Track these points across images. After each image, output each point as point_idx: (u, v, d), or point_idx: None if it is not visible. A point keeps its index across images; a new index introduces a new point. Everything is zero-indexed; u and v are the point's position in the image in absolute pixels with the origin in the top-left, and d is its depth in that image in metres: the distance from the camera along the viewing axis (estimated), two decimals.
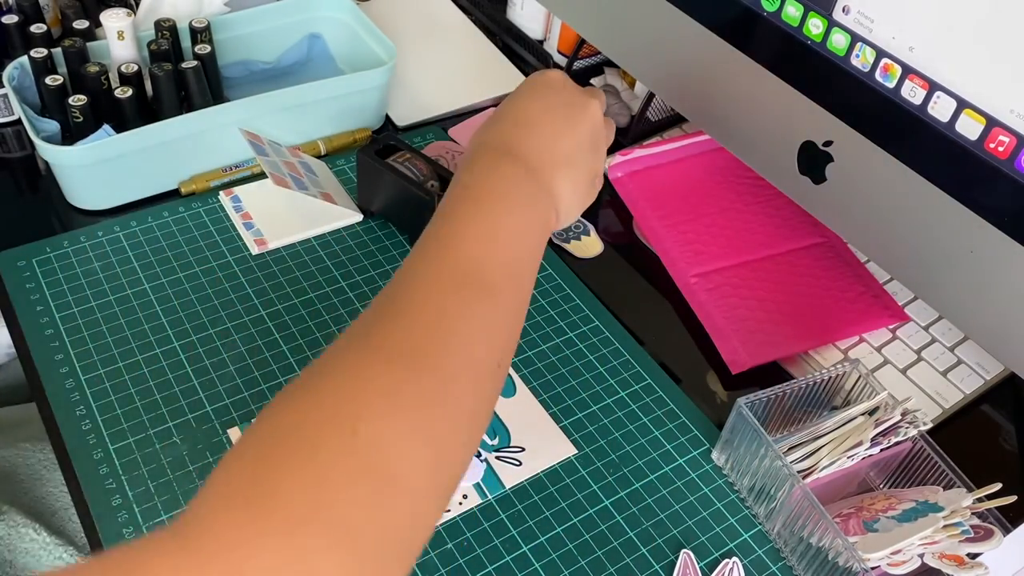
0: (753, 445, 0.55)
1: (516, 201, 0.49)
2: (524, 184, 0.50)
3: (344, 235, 0.72)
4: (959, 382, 0.64)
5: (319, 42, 0.85)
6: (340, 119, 0.78)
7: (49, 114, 0.72)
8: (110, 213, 0.71)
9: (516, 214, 0.49)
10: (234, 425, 0.58)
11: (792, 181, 0.64)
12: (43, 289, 0.65)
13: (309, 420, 0.36)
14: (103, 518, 0.53)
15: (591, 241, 0.75)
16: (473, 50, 0.92)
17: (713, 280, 0.70)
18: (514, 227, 0.48)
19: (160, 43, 0.74)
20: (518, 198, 0.49)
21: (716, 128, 0.69)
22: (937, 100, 0.52)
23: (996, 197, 0.51)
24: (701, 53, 0.66)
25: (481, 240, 0.46)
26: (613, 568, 0.54)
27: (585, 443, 0.60)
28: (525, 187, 0.50)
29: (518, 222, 0.48)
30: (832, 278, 0.70)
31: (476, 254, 0.45)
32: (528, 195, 0.50)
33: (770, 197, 0.75)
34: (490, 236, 0.46)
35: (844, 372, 0.59)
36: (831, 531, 0.50)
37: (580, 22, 0.78)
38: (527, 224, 0.49)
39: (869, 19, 0.54)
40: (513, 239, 0.47)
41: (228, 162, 0.74)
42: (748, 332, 0.66)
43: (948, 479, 0.54)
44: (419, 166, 0.68)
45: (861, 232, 0.61)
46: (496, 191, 0.49)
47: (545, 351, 0.65)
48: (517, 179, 0.50)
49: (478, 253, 0.45)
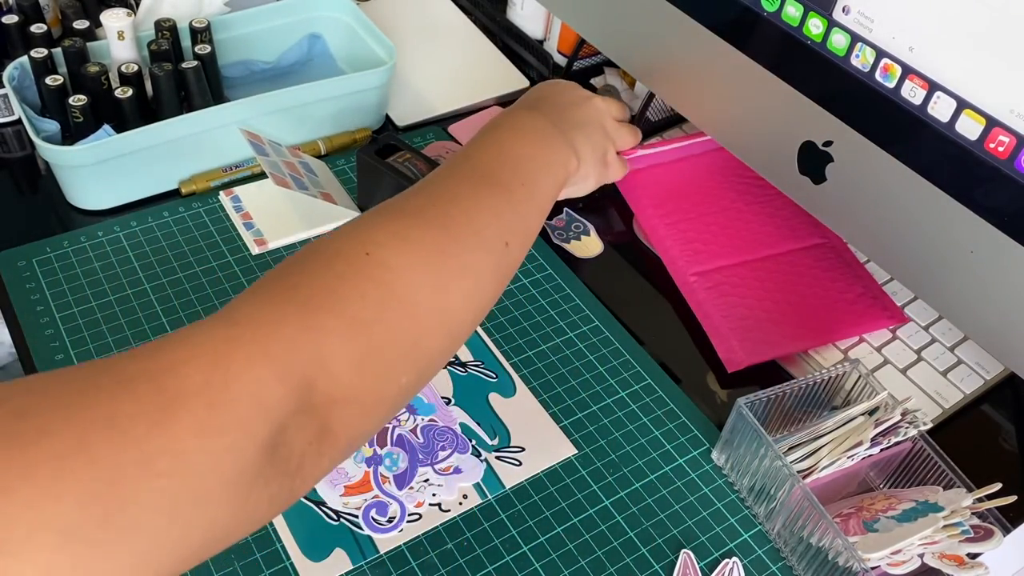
0: (753, 445, 0.55)
1: (537, 136, 0.56)
2: (545, 126, 0.57)
3: None
4: (959, 382, 0.65)
5: (319, 42, 0.85)
6: (340, 119, 0.78)
7: (49, 114, 0.72)
8: (110, 213, 0.71)
9: (537, 146, 0.55)
10: None
11: (792, 181, 0.64)
12: (43, 289, 0.65)
13: (331, 245, 0.43)
14: None
15: (591, 241, 0.75)
16: (473, 50, 0.92)
17: (712, 279, 0.70)
18: (533, 154, 0.54)
19: (160, 43, 0.74)
20: (538, 134, 0.56)
21: (716, 128, 0.69)
22: (937, 100, 0.52)
23: (996, 197, 0.51)
24: (701, 53, 0.66)
25: (497, 155, 0.53)
26: (613, 568, 0.54)
27: (585, 443, 0.60)
28: (544, 128, 0.57)
29: (537, 152, 0.55)
30: (831, 279, 0.70)
31: (491, 162, 0.52)
32: (548, 135, 0.57)
33: (771, 197, 0.75)
34: (508, 153, 0.53)
35: (844, 372, 0.59)
36: (831, 531, 0.50)
37: (580, 22, 0.78)
38: (546, 156, 0.55)
39: (869, 19, 0.54)
40: (532, 163, 0.54)
41: (228, 162, 0.74)
42: (745, 331, 0.66)
43: (948, 479, 0.54)
44: (419, 166, 0.68)
45: (861, 232, 0.61)
46: (519, 127, 0.56)
47: (545, 351, 0.65)
48: (536, 121, 0.57)
49: (493, 163, 0.52)
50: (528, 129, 0.56)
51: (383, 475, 0.57)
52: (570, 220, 0.76)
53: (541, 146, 0.56)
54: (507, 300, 0.68)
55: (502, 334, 0.66)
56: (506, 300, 0.68)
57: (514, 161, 0.53)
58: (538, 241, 0.73)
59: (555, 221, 0.76)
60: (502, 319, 0.67)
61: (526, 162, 0.53)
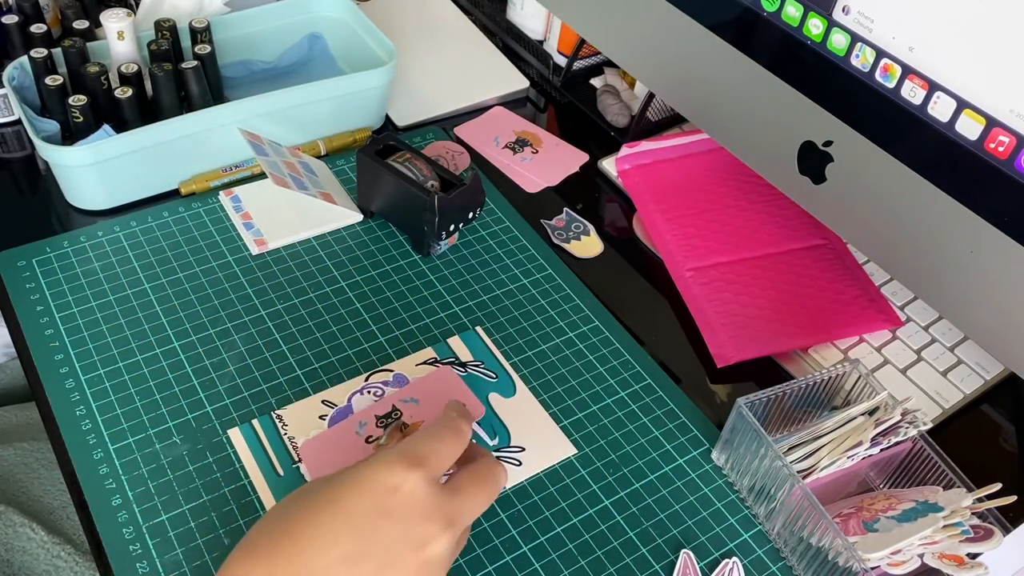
0: (753, 445, 0.55)
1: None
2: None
3: (344, 235, 0.72)
4: (959, 382, 0.65)
5: (319, 42, 0.85)
6: (340, 119, 0.78)
7: (49, 114, 0.72)
8: (110, 213, 0.71)
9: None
10: (234, 425, 0.58)
11: (792, 181, 0.64)
12: (43, 289, 0.65)
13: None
14: (103, 518, 0.53)
15: (591, 241, 0.75)
16: (473, 50, 0.92)
17: (709, 275, 0.70)
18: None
19: (160, 43, 0.74)
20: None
21: (716, 128, 0.69)
22: (937, 100, 0.52)
23: (996, 197, 0.51)
24: (701, 53, 0.66)
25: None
26: (613, 568, 0.54)
27: (585, 443, 0.60)
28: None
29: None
30: (829, 279, 0.70)
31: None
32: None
33: (773, 197, 0.75)
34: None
35: (844, 372, 0.59)
36: (831, 531, 0.50)
37: (580, 22, 0.79)
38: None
39: (869, 19, 0.54)
40: None
41: (228, 162, 0.74)
42: (737, 327, 0.66)
43: (948, 479, 0.54)
44: (419, 166, 0.68)
45: (861, 232, 0.61)
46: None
47: (545, 351, 0.65)
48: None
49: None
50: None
51: None
52: (570, 220, 0.76)
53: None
54: (507, 300, 0.68)
55: (502, 334, 0.66)
56: (506, 300, 0.68)
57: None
58: (538, 241, 0.73)
59: (555, 221, 0.76)
60: (502, 319, 0.67)
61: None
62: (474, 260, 0.71)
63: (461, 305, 0.67)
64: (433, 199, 0.65)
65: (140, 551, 0.51)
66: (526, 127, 0.84)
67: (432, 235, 0.68)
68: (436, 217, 0.66)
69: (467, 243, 0.72)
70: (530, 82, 0.89)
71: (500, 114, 0.86)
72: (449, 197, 0.66)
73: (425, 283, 0.69)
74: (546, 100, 0.89)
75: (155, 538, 0.52)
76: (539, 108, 0.88)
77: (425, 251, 0.70)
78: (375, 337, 0.64)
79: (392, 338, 0.65)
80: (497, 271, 0.70)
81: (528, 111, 0.87)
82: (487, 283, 0.69)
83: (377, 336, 0.65)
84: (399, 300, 0.67)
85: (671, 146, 0.79)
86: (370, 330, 0.65)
